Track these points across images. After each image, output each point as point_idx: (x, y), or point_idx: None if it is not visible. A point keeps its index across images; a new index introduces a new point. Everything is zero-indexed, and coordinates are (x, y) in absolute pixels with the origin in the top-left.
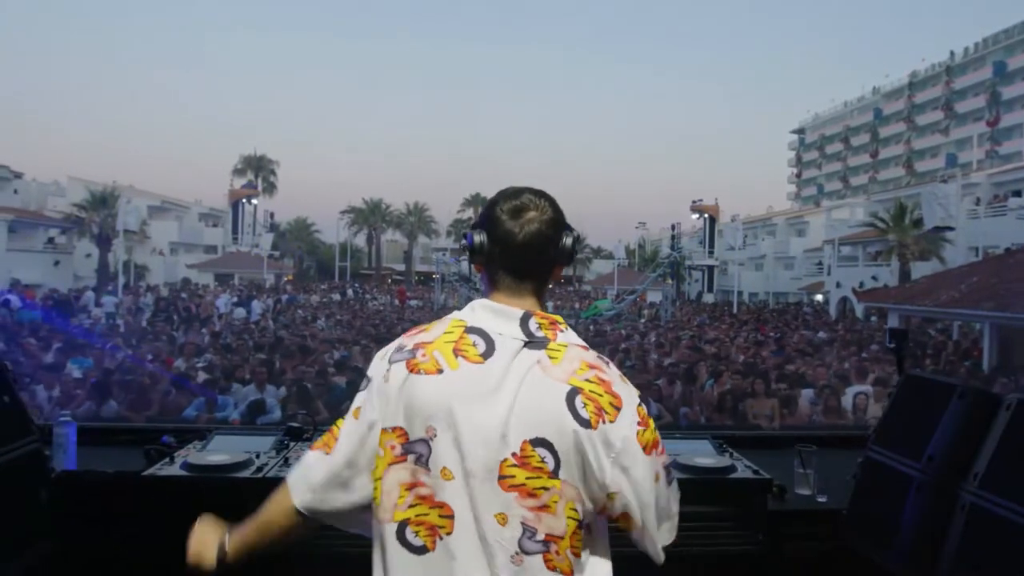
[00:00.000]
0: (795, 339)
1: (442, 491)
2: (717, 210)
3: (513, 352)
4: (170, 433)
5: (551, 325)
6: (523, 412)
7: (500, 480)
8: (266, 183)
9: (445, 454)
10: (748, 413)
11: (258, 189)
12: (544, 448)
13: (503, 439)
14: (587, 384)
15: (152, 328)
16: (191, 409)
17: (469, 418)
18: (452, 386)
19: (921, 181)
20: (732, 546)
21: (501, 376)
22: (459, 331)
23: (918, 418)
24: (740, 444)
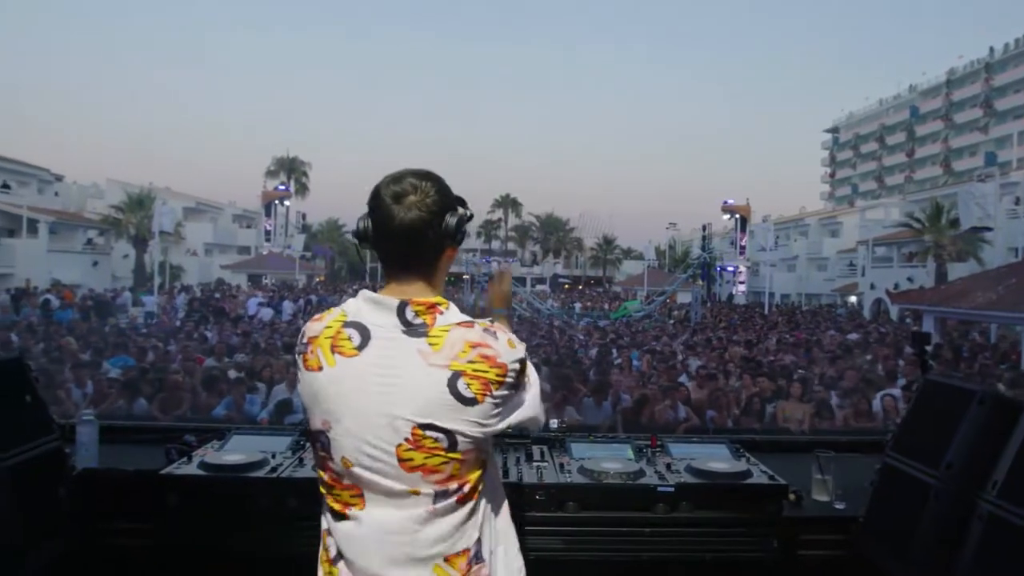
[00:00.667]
0: (827, 341)
1: (348, 476)
2: (748, 210)
3: (389, 342)
4: (192, 432)
5: (428, 310)
6: (408, 400)
7: (401, 463)
8: (298, 184)
9: (343, 445)
10: (778, 416)
11: (290, 190)
12: (434, 431)
13: (392, 427)
14: (469, 365)
15: (184, 328)
16: (220, 408)
17: (355, 410)
18: (333, 382)
19: (959, 180)
20: (745, 553)
21: (379, 367)
22: (338, 325)
23: (937, 424)
24: (760, 448)
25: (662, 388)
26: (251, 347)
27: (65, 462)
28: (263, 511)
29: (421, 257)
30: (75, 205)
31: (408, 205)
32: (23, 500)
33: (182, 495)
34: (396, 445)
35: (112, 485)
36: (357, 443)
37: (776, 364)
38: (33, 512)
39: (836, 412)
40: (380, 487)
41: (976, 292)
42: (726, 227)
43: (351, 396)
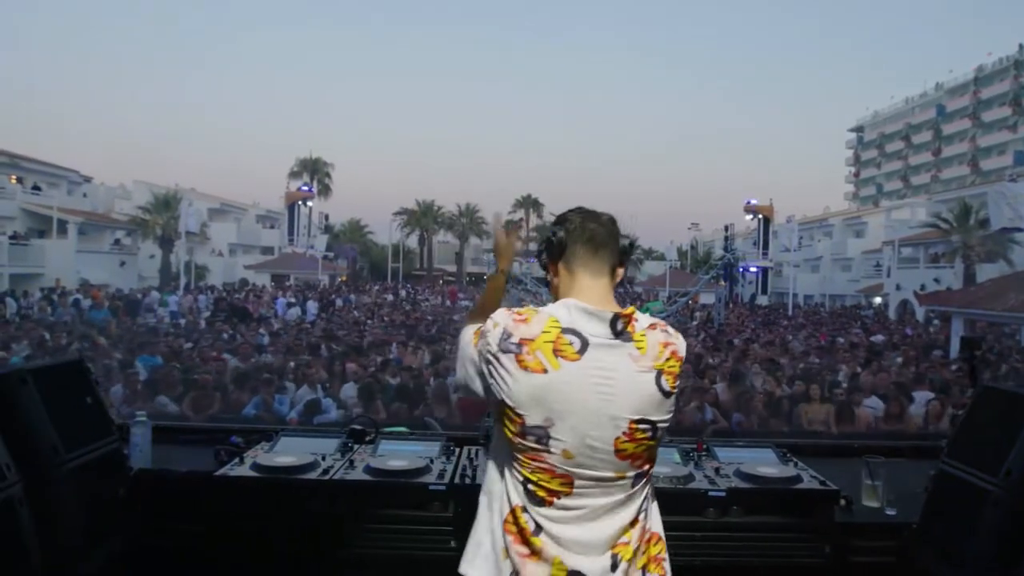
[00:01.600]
0: (853, 343)
1: (564, 466)
2: (771, 211)
3: (605, 348)
4: (237, 433)
5: (628, 319)
6: (625, 397)
7: (616, 453)
8: (321, 185)
9: (565, 439)
10: (803, 419)
11: (313, 191)
12: (645, 424)
13: (613, 422)
14: (666, 364)
15: (211, 327)
16: (250, 407)
17: (581, 407)
18: (559, 383)
19: (987, 180)
20: (797, 558)
21: (598, 369)
22: (556, 331)
23: (995, 431)
24: (803, 452)
25: (691, 389)
26: (283, 347)
27: (124, 463)
28: (316, 513)
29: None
30: (103, 206)
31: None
32: (86, 500)
33: (236, 496)
34: (615, 438)
35: (167, 486)
36: (582, 436)
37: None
38: (95, 512)
39: (867, 415)
40: (591, 476)
41: (1008, 293)
42: (749, 227)
43: (577, 395)
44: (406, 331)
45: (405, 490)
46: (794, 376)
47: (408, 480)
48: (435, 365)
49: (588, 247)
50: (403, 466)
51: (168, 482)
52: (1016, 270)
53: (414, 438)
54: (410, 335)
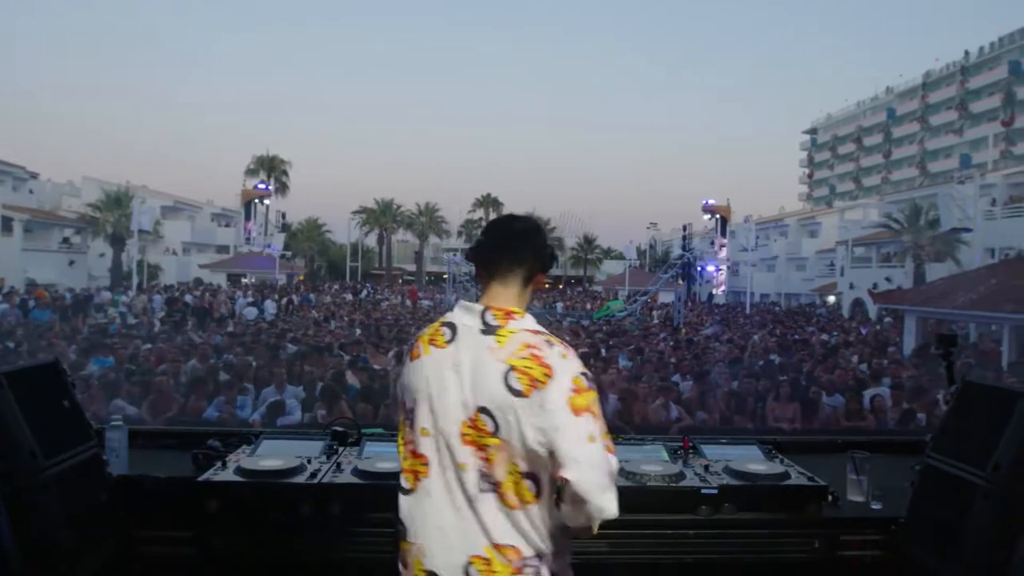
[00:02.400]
0: (812, 341)
1: (421, 445)
2: (729, 211)
3: (470, 338)
4: (213, 437)
5: (505, 315)
6: (475, 386)
7: (461, 436)
8: (278, 183)
9: (423, 417)
10: (768, 416)
11: (270, 189)
12: (486, 415)
13: (463, 406)
14: (521, 361)
15: (166, 328)
16: (211, 410)
17: (438, 390)
18: (425, 366)
19: (934, 182)
20: (787, 554)
21: (460, 357)
22: (437, 326)
23: (980, 426)
24: (782, 448)
25: (656, 387)
26: (239, 348)
27: (104, 469)
28: (305, 517)
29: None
30: (50, 203)
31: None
32: (68, 508)
33: (222, 501)
34: (462, 421)
35: (150, 492)
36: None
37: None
38: (78, 521)
39: (830, 411)
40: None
41: (957, 292)
42: (706, 227)
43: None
44: (368, 331)
45: (395, 492)
46: (757, 374)
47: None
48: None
49: (501, 255)
50: (392, 468)
51: (151, 488)
52: (964, 269)
53: None
54: (372, 335)
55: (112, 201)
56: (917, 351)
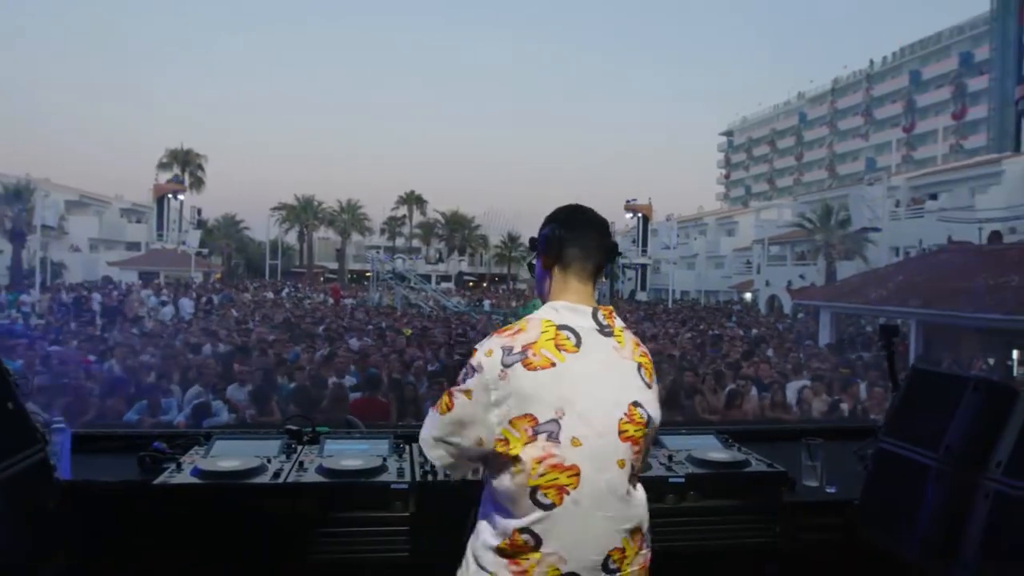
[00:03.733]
0: (731, 335)
1: (570, 457)
2: (650, 210)
3: (596, 339)
4: (158, 439)
5: (609, 315)
6: (619, 383)
7: (620, 434)
8: (193, 178)
9: (573, 426)
10: (696, 408)
11: (185, 184)
12: (639, 407)
13: (616, 404)
14: (642, 359)
15: (76, 328)
16: (132, 413)
17: (587, 394)
18: (567, 373)
19: (842, 184)
20: (750, 539)
21: (597, 359)
22: (552, 329)
23: (930, 410)
24: (738, 437)
25: None
26: (159, 348)
27: (52, 474)
28: (271, 518)
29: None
30: None
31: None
32: (16, 516)
33: (182, 506)
34: (619, 419)
35: (101, 497)
36: (590, 420)
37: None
38: (27, 529)
39: (756, 403)
40: (596, 464)
41: (868, 289)
42: (628, 226)
43: (583, 383)
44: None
45: (365, 490)
46: (683, 368)
47: (368, 480)
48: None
49: (584, 253)
50: (359, 465)
51: (102, 494)
52: (873, 267)
53: (359, 436)
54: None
55: (11, 195)
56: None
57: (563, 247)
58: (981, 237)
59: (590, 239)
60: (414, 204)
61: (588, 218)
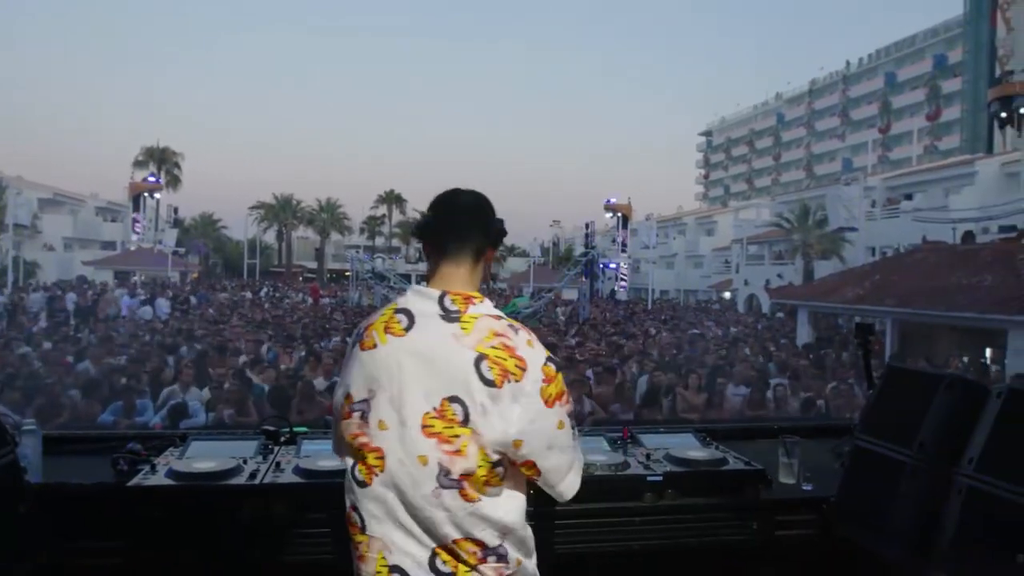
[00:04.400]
0: (711, 335)
1: (377, 438)
2: (630, 209)
3: (431, 325)
4: (133, 440)
5: (464, 300)
6: (440, 374)
7: (423, 429)
8: (170, 176)
9: (381, 409)
10: (678, 407)
11: (161, 182)
12: (456, 404)
13: (425, 396)
14: (492, 351)
15: (51, 328)
16: (107, 414)
17: (399, 380)
18: (383, 355)
19: (819, 184)
20: (727, 536)
21: (421, 345)
22: (390, 312)
23: (904, 407)
24: (715, 436)
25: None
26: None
27: (21, 476)
28: (248, 520)
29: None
30: None
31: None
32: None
33: (157, 508)
34: (424, 412)
35: (74, 500)
36: (396, 407)
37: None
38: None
39: (734, 401)
40: (399, 456)
41: (845, 288)
42: (608, 225)
43: (397, 368)
44: (273, 330)
45: (342, 490)
46: (663, 366)
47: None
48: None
49: (452, 233)
50: (336, 466)
51: (74, 496)
52: (848, 266)
53: None
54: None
55: None
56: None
57: (434, 233)
58: (955, 237)
59: (460, 223)
60: (393, 203)
61: (459, 201)
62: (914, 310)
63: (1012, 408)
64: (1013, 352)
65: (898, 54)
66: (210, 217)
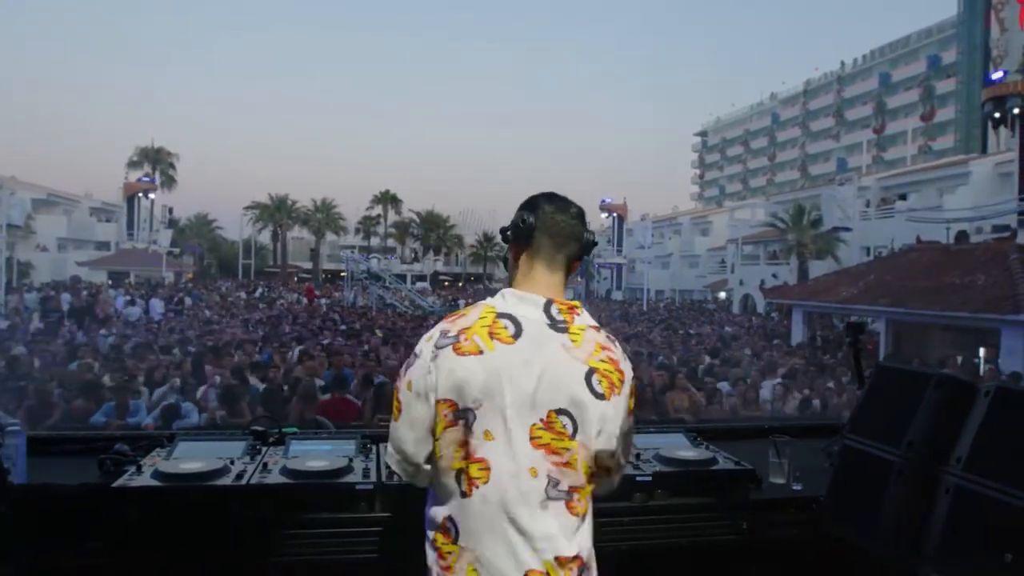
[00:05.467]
0: (706, 334)
1: (482, 449)
2: (625, 209)
3: (539, 333)
4: (120, 440)
5: (569, 310)
6: (550, 385)
7: (531, 440)
8: (164, 176)
9: (487, 419)
10: (669, 407)
11: (155, 183)
12: (566, 416)
13: (533, 407)
14: (602, 364)
15: (44, 329)
16: (99, 415)
17: (507, 389)
18: (492, 364)
19: (814, 184)
20: (717, 536)
21: (532, 354)
22: (491, 316)
23: (894, 406)
24: (705, 435)
25: None
26: (129, 349)
27: (5, 477)
28: (233, 521)
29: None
30: None
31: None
32: None
33: (142, 509)
34: (532, 424)
35: (58, 501)
36: (504, 418)
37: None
38: None
39: (725, 401)
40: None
41: (840, 287)
42: (603, 225)
43: (506, 377)
44: (267, 330)
45: (330, 491)
46: (659, 366)
47: (332, 480)
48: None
49: (553, 241)
50: (324, 466)
51: (58, 497)
52: (843, 266)
53: (325, 437)
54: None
55: None
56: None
57: (532, 234)
58: (949, 237)
59: (562, 227)
60: (389, 203)
61: (561, 205)
62: (908, 310)
63: (999, 407)
64: (1007, 351)
65: (892, 55)
66: (205, 217)
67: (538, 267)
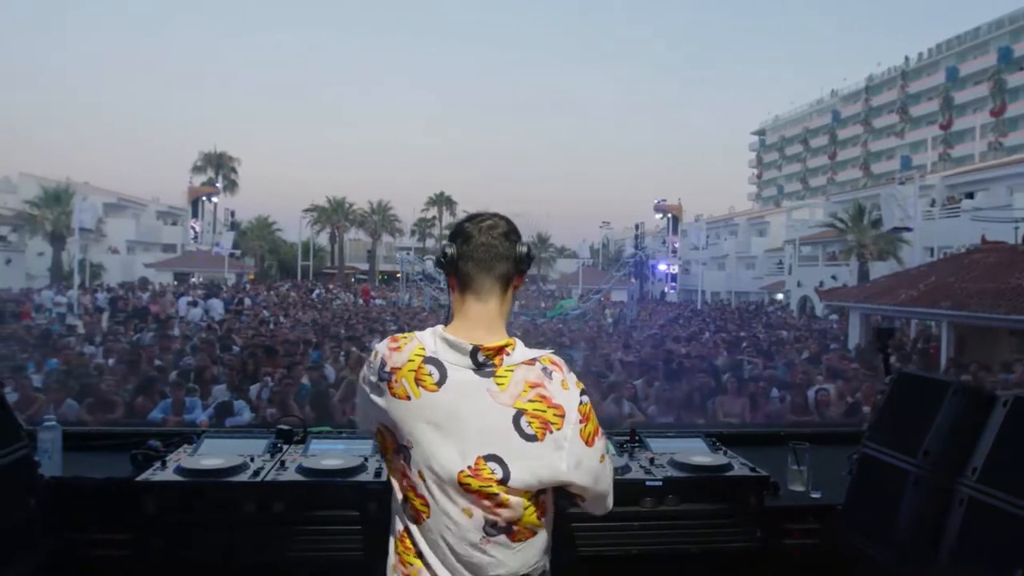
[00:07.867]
0: (761, 337)
1: (420, 487)
2: (680, 210)
3: (463, 380)
4: (156, 437)
5: (497, 352)
6: (476, 433)
7: (460, 486)
8: (227, 181)
9: (419, 461)
10: (718, 411)
11: (218, 187)
12: (494, 462)
13: (461, 455)
14: (530, 404)
15: (111, 328)
16: (157, 411)
17: (432, 437)
18: (418, 412)
19: (877, 183)
20: (731, 543)
21: (456, 404)
22: (419, 360)
23: (912, 415)
24: (727, 441)
25: (610, 384)
26: (188, 348)
27: (35, 470)
28: (247, 516)
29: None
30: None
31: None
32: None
33: (161, 502)
34: (459, 471)
35: (85, 494)
36: (431, 464)
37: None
38: (6, 524)
39: (777, 406)
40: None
41: (899, 290)
42: (658, 226)
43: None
44: (320, 331)
45: (341, 489)
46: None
47: (344, 479)
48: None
49: (479, 266)
50: (338, 465)
51: (85, 490)
52: (905, 267)
53: (345, 436)
54: (324, 335)
55: (51, 198)
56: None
57: (457, 264)
58: (1016, 237)
59: (484, 251)
60: (444, 205)
61: (484, 227)
62: (971, 313)
63: (1017, 418)
64: None
65: (960, 47)
66: (265, 220)
67: (469, 300)
